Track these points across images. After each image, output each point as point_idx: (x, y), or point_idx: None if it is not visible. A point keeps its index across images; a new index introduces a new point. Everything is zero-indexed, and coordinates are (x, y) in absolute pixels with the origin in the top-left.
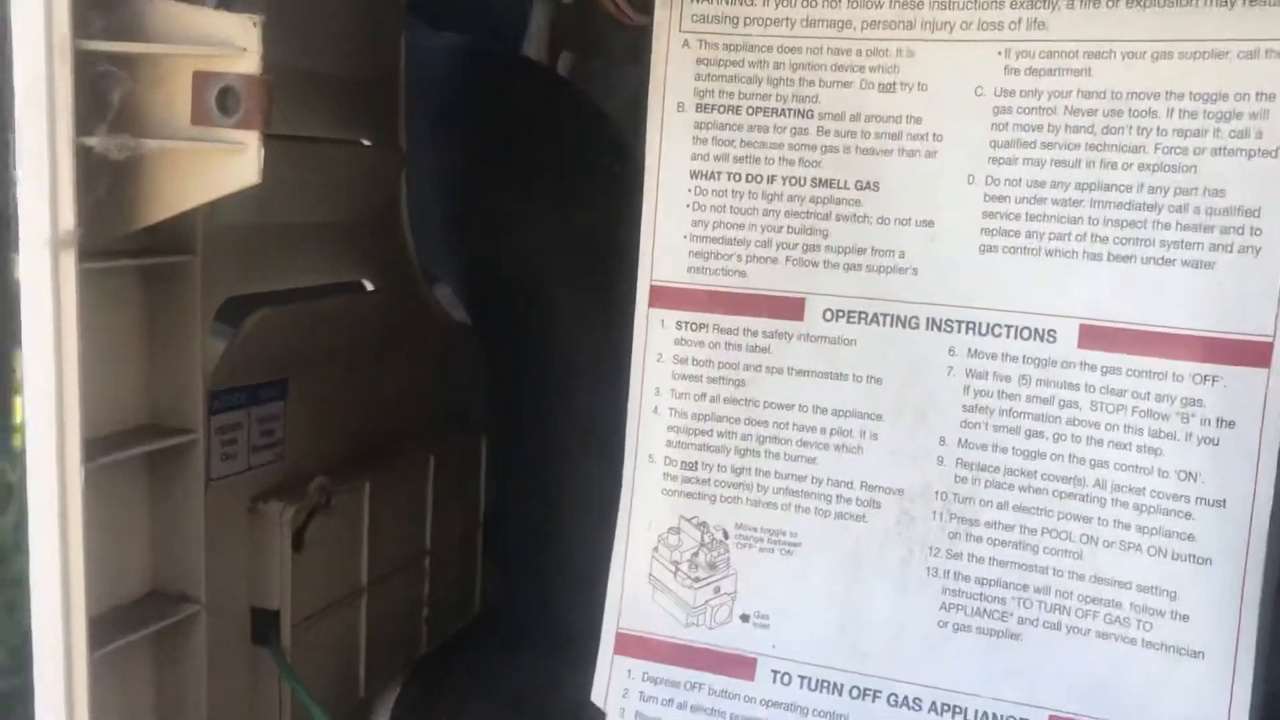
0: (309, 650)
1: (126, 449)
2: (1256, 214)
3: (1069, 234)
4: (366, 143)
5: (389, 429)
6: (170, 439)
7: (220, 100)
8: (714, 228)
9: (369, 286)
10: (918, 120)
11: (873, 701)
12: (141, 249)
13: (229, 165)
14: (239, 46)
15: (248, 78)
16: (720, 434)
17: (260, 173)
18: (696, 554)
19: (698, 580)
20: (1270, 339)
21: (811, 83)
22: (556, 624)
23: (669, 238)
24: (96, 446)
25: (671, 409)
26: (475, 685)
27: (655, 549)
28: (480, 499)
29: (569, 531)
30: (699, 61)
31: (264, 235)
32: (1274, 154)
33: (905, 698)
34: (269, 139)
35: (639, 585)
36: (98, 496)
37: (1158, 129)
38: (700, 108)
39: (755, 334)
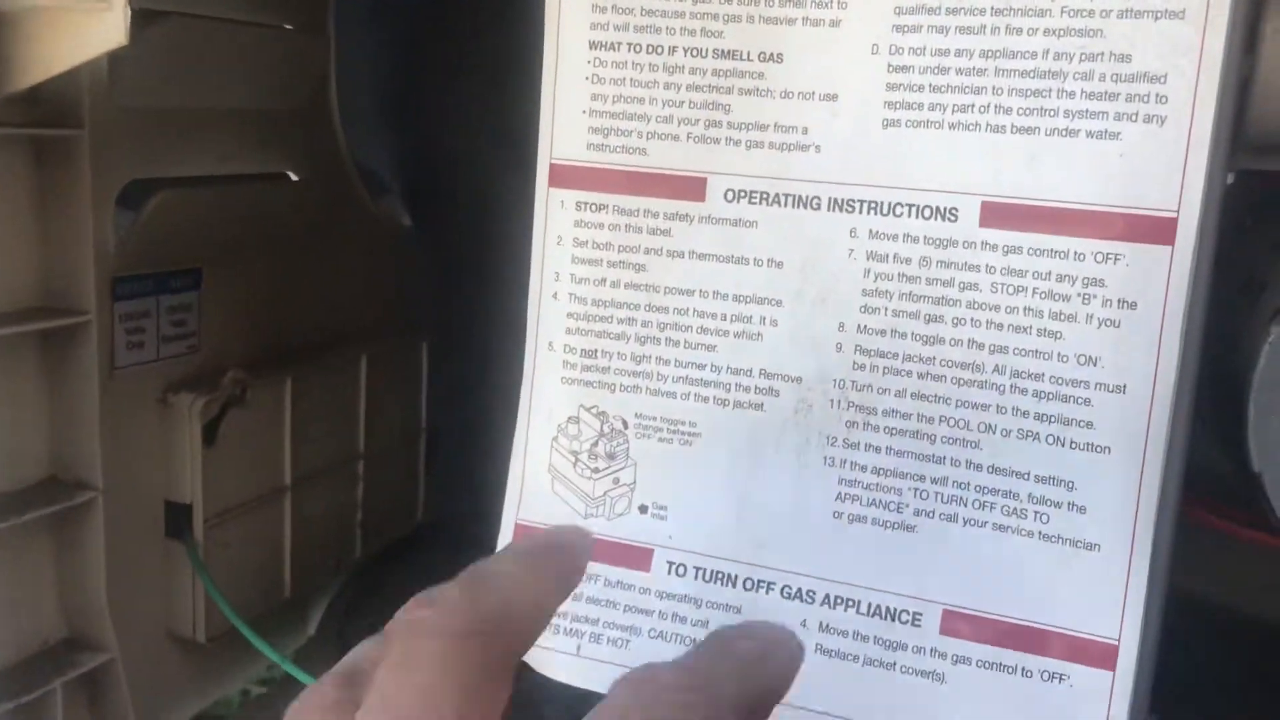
0: (225, 546)
1: (8, 326)
2: (1162, 80)
3: (973, 105)
4: (288, 27)
5: (318, 328)
6: (59, 320)
7: None
8: (614, 102)
9: (294, 179)
10: None
11: (766, 593)
12: (26, 120)
13: (96, 26)
14: None
15: None
16: (620, 320)
17: (128, 34)
18: (596, 444)
19: (597, 471)
20: (1174, 214)
21: None
22: (494, 532)
23: (568, 113)
24: None
25: (571, 294)
26: (410, 590)
27: (555, 439)
28: (422, 406)
29: (507, 440)
30: None
31: (174, 118)
32: (1181, 15)
33: (799, 590)
34: (178, 18)
35: (538, 476)
36: None
37: None
38: None
39: (656, 215)
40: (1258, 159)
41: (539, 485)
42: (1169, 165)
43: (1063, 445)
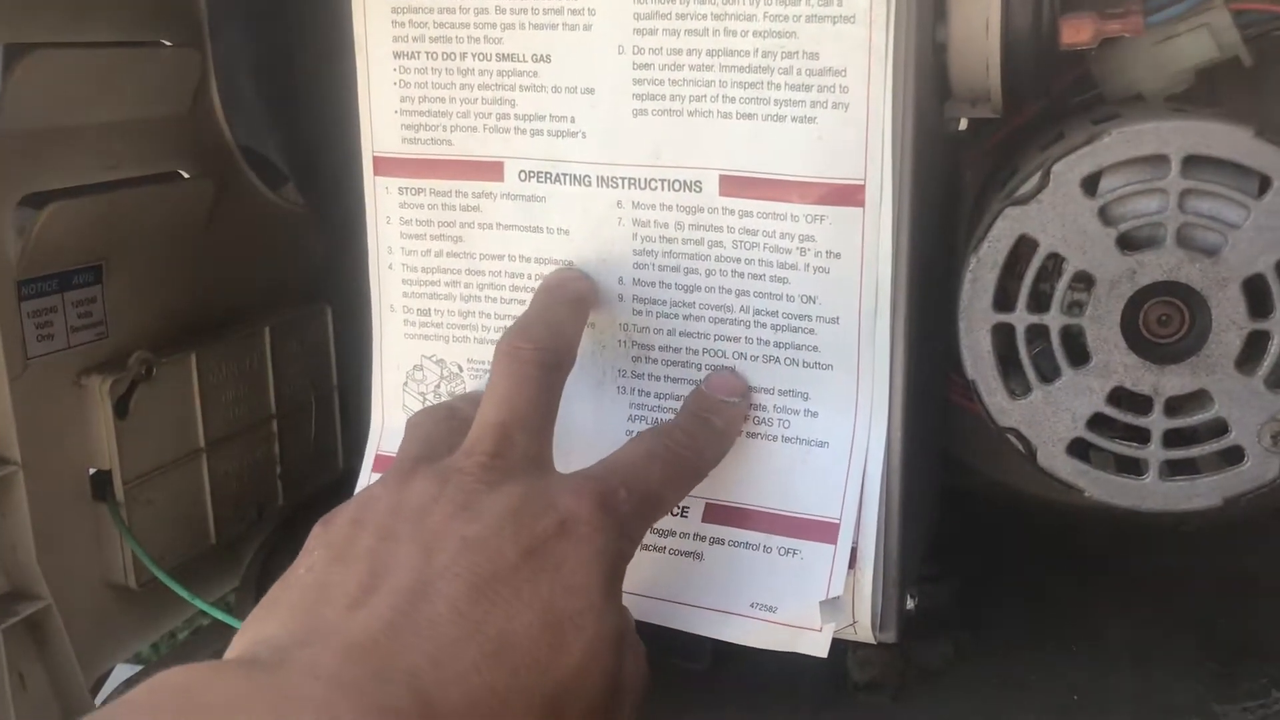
0: (149, 504)
1: None
2: (843, 74)
3: (705, 96)
4: (167, 43)
5: (222, 305)
6: None
7: None
8: (420, 102)
9: (186, 176)
10: None
11: None
12: None
13: None
14: None
15: None
16: (446, 284)
17: None
18: (439, 386)
19: None
20: (862, 182)
21: None
22: None
23: (382, 113)
24: None
25: (403, 264)
26: None
27: (405, 384)
28: (331, 365)
29: None
30: None
31: (59, 135)
32: (852, 20)
33: None
34: (49, 48)
35: (395, 415)
36: None
37: None
38: None
39: (466, 195)
40: (972, 108)
41: (395, 423)
42: (854, 143)
43: (797, 365)
